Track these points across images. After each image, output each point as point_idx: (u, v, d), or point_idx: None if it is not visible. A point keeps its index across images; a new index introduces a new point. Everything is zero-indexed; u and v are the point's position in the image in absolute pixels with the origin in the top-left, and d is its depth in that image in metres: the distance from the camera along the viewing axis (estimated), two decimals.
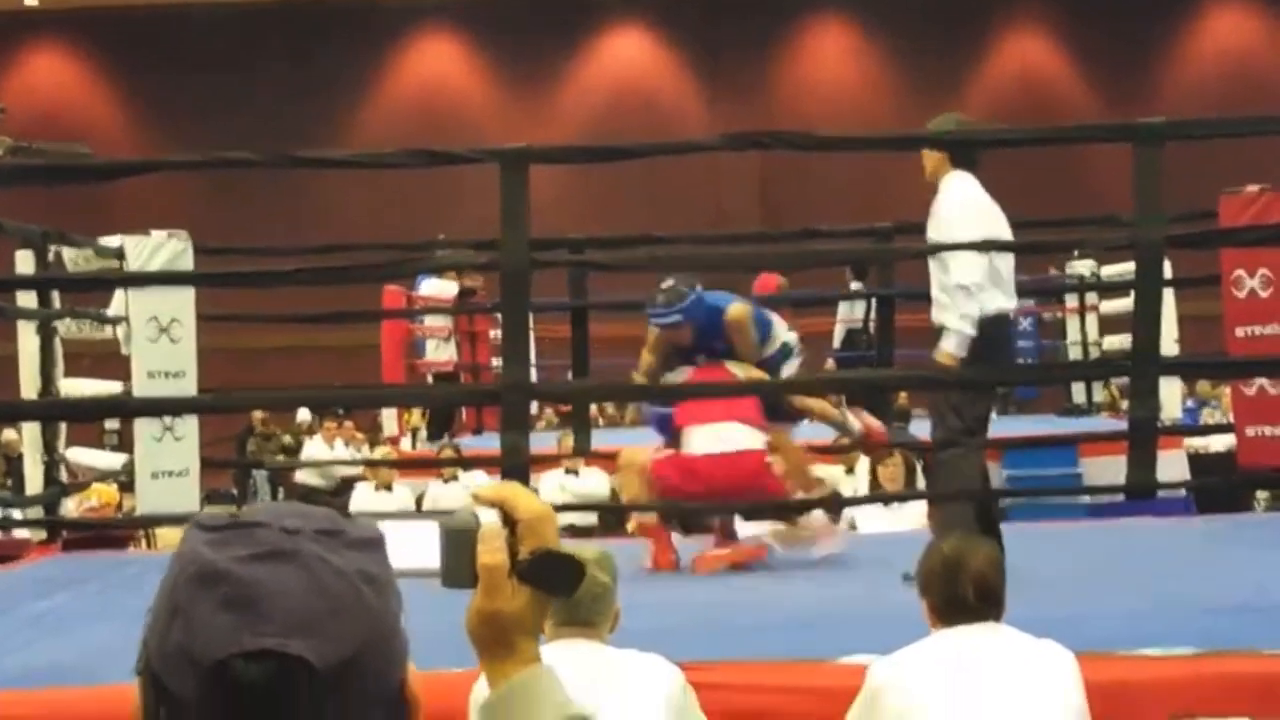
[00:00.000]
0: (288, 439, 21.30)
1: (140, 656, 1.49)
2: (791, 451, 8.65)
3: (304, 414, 21.87)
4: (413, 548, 1.76)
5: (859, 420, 9.52)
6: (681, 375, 8.61)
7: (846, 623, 6.60)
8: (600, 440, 14.39)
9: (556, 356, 15.34)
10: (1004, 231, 7.51)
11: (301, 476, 17.28)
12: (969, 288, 7.30)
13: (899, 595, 5.07)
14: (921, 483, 11.20)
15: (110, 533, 11.19)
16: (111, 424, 13.88)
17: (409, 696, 1.55)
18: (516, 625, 1.78)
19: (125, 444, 11.59)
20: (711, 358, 8.58)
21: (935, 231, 7.58)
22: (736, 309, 8.58)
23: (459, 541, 1.78)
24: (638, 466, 8.51)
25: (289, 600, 1.45)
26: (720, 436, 8.49)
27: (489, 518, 1.79)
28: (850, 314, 16.77)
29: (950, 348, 7.24)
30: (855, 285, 16.05)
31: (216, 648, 1.42)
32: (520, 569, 1.77)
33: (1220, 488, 13.25)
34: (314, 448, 18.46)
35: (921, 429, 14.33)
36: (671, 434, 8.55)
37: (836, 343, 17.20)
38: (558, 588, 1.81)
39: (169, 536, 11.85)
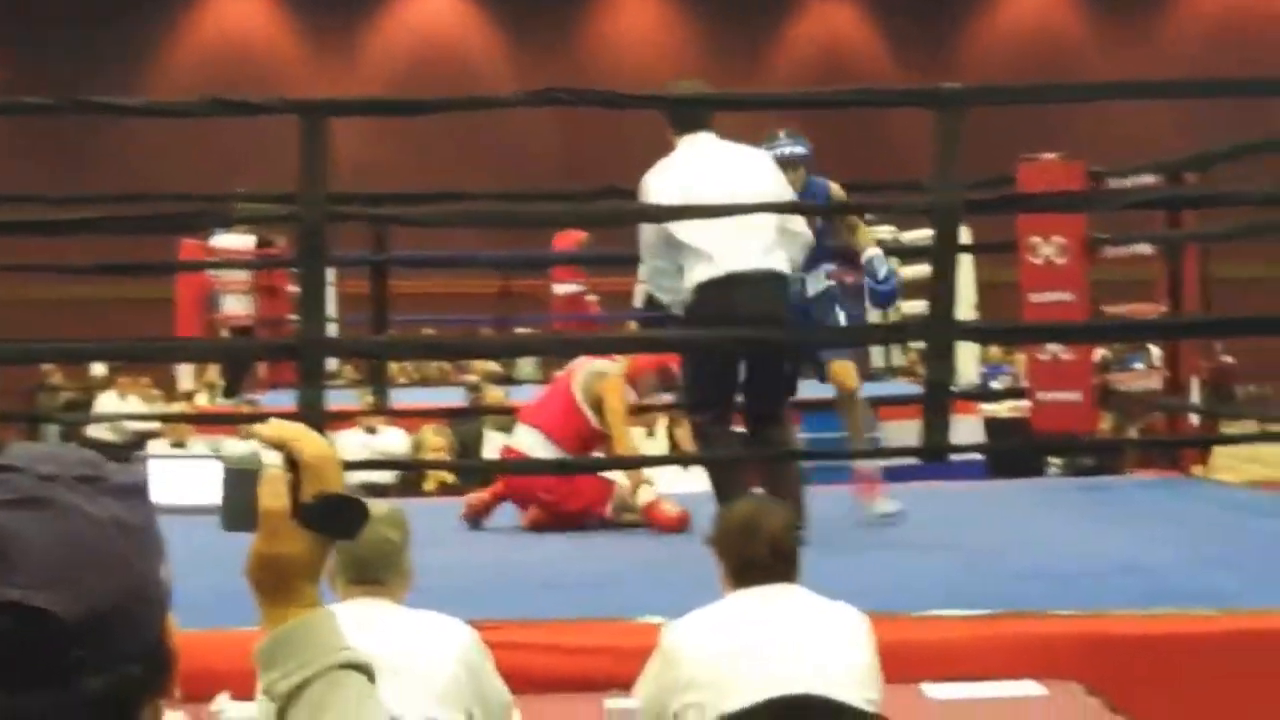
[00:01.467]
0: (74, 394, 20.95)
1: None
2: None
3: (98, 368, 21.52)
4: (201, 487, 1.72)
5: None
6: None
7: (643, 583, 6.61)
8: (400, 398, 14.32)
9: (358, 313, 15.24)
10: (706, 199, 7.40)
11: (94, 432, 17.01)
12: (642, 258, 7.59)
13: (695, 555, 5.07)
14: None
15: None
16: None
17: (167, 650, 1.50)
18: (297, 569, 1.74)
19: None
20: None
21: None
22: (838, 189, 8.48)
23: (240, 483, 1.74)
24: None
25: (37, 550, 1.39)
26: (518, 437, 8.61)
27: (269, 459, 1.74)
28: None
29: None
30: None
31: None
32: (302, 512, 1.73)
33: (1014, 452, 13.45)
34: (107, 403, 18.18)
35: None
36: None
37: (637, 302, 17.22)
38: (341, 531, 1.77)
39: None
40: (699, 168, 7.49)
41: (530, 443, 8.49)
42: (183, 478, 1.56)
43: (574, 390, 8.54)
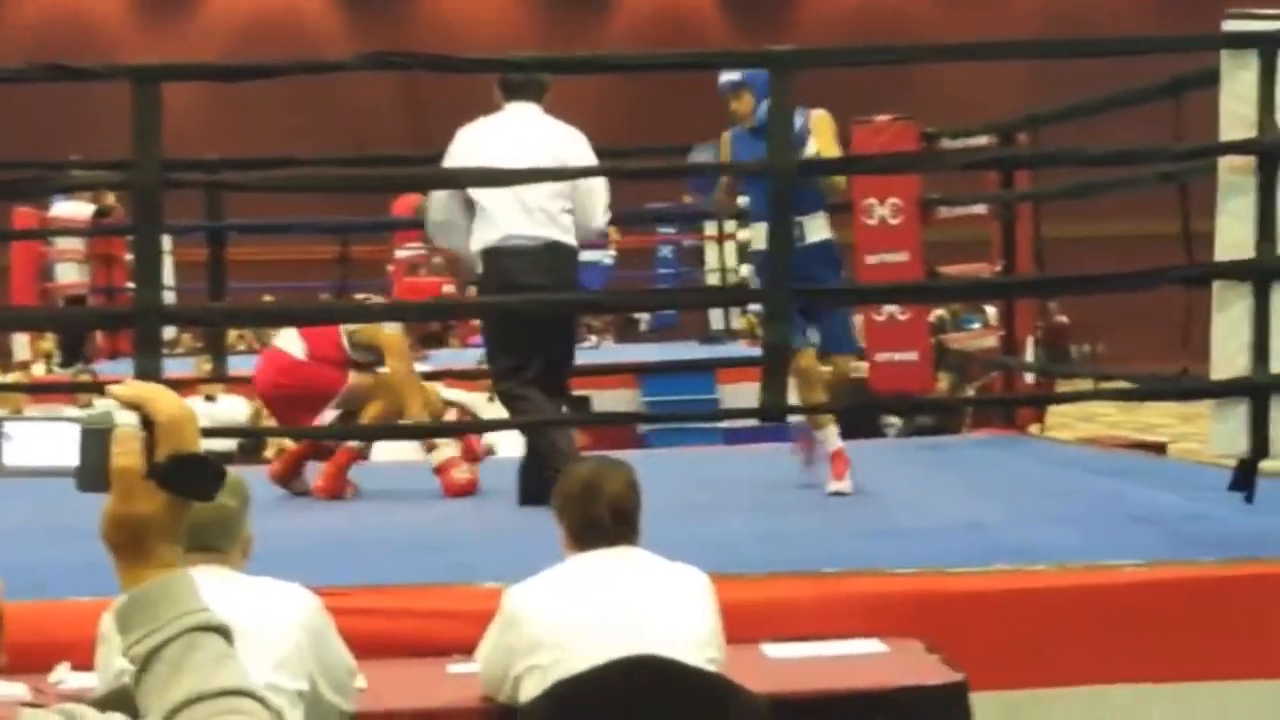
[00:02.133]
0: None
1: None
2: (391, 389, 8.44)
3: None
4: (54, 449, 1.71)
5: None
6: None
7: (484, 547, 6.62)
8: (238, 365, 14.20)
9: (195, 280, 15.09)
10: (495, 162, 7.59)
11: None
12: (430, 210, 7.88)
13: (536, 518, 5.09)
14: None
15: None
16: None
17: None
18: (152, 530, 1.73)
19: None
20: None
21: None
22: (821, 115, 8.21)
23: (94, 442, 1.72)
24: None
25: None
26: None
27: (124, 418, 1.73)
28: None
29: None
30: None
31: None
32: (157, 472, 1.72)
33: (852, 412, 13.56)
34: None
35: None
36: None
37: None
38: (197, 492, 1.76)
39: None
40: (502, 132, 7.73)
41: (287, 340, 8.42)
42: (41, 438, 1.54)
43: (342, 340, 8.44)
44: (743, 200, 9.07)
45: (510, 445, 10.28)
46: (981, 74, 24.91)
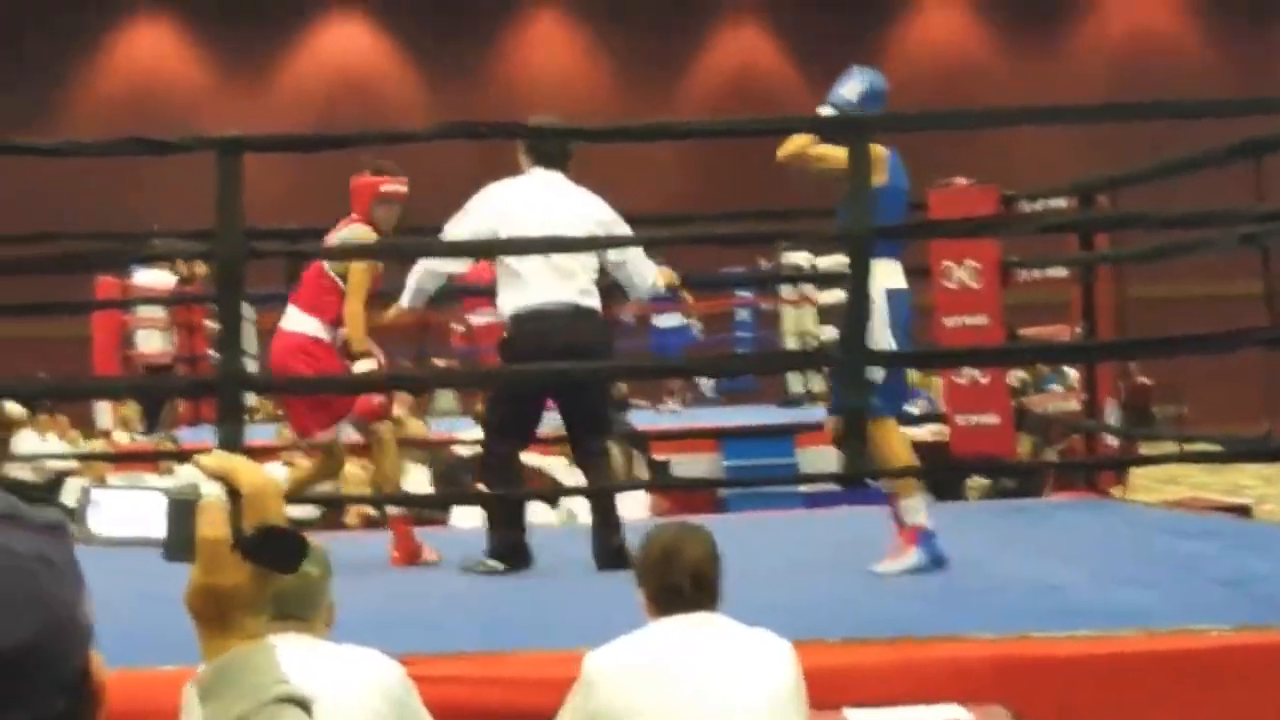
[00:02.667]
0: None
1: None
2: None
3: (15, 407, 21.33)
4: (140, 519, 1.72)
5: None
6: None
7: (565, 613, 6.61)
8: None
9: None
10: (531, 231, 7.76)
11: (12, 471, 16.85)
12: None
13: (618, 584, 5.08)
14: (643, 473, 11.26)
15: None
16: None
17: (92, 684, 1.50)
18: (237, 601, 1.74)
19: None
20: None
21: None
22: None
23: (181, 513, 1.73)
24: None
25: None
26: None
27: (209, 489, 1.74)
28: None
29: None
30: None
31: None
32: (242, 543, 1.73)
33: (933, 475, 13.50)
34: (25, 441, 18.02)
35: (640, 419, 14.43)
36: None
37: None
38: (281, 564, 1.77)
39: None
40: (537, 197, 7.91)
41: (293, 318, 8.39)
42: (126, 507, 1.57)
43: (324, 267, 8.44)
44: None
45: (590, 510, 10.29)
46: (1050, 132, 24.86)
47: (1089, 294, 10.35)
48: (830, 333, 16.04)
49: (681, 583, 4.46)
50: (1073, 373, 14.99)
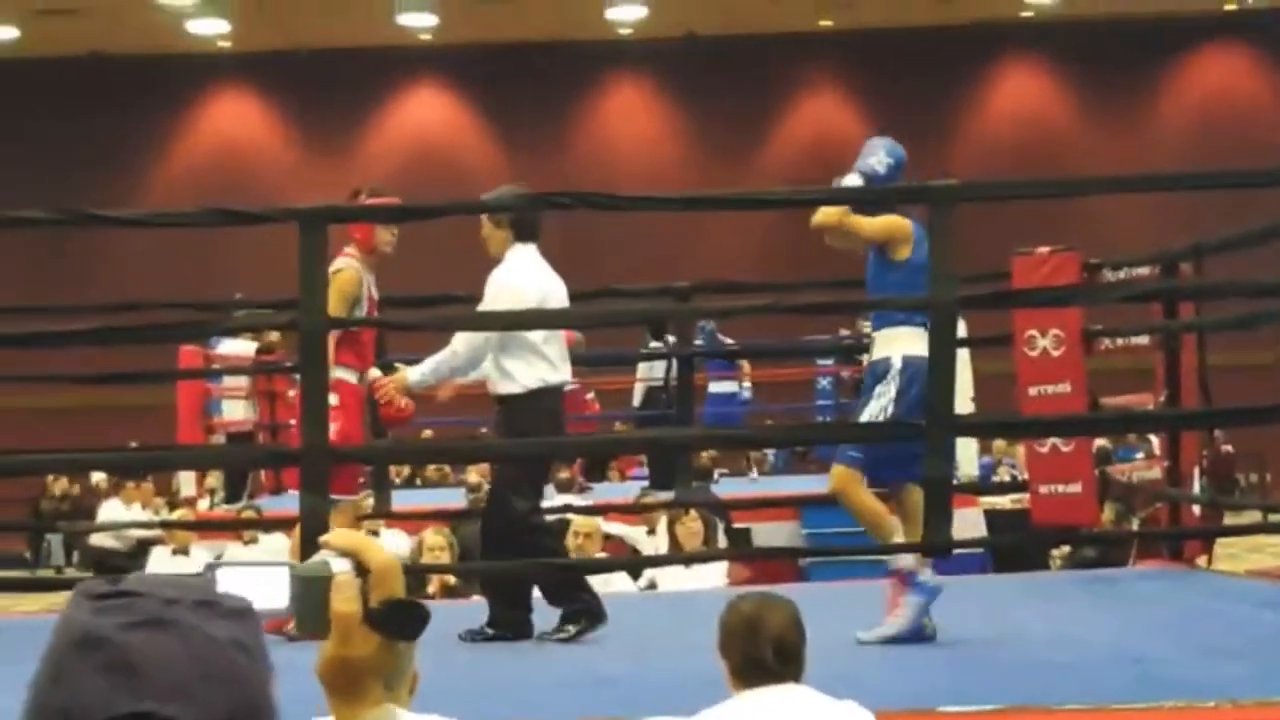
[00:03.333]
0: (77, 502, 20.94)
1: None
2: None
3: (100, 476, 21.52)
4: (262, 594, 1.78)
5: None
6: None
7: (648, 684, 6.60)
8: (400, 500, 14.30)
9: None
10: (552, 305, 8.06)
11: (97, 540, 16.98)
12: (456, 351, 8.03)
13: (701, 656, 5.07)
14: (723, 541, 11.24)
15: None
16: None
17: None
18: (368, 670, 1.83)
19: None
20: None
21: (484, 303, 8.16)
22: None
23: (314, 589, 1.82)
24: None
25: (166, 666, 1.49)
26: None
27: (339, 566, 1.83)
28: (649, 373, 16.88)
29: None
30: (653, 344, 16.10)
31: (95, 711, 1.46)
32: (372, 616, 1.82)
33: (1016, 545, 13.42)
34: (110, 510, 18.17)
35: (724, 487, 14.42)
36: None
37: (637, 401, 17.29)
38: (407, 633, 1.86)
39: None
40: (548, 277, 8.18)
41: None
42: (247, 584, 1.64)
43: None
44: None
45: (673, 580, 10.29)
46: (1131, 200, 24.80)
47: (1172, 361, 10.28)
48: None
49: (765, 654, 4.45)
50: (1156, 440, 14.90)
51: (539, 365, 7.95)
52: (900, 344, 7.44)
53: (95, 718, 1.46)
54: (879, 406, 7.44)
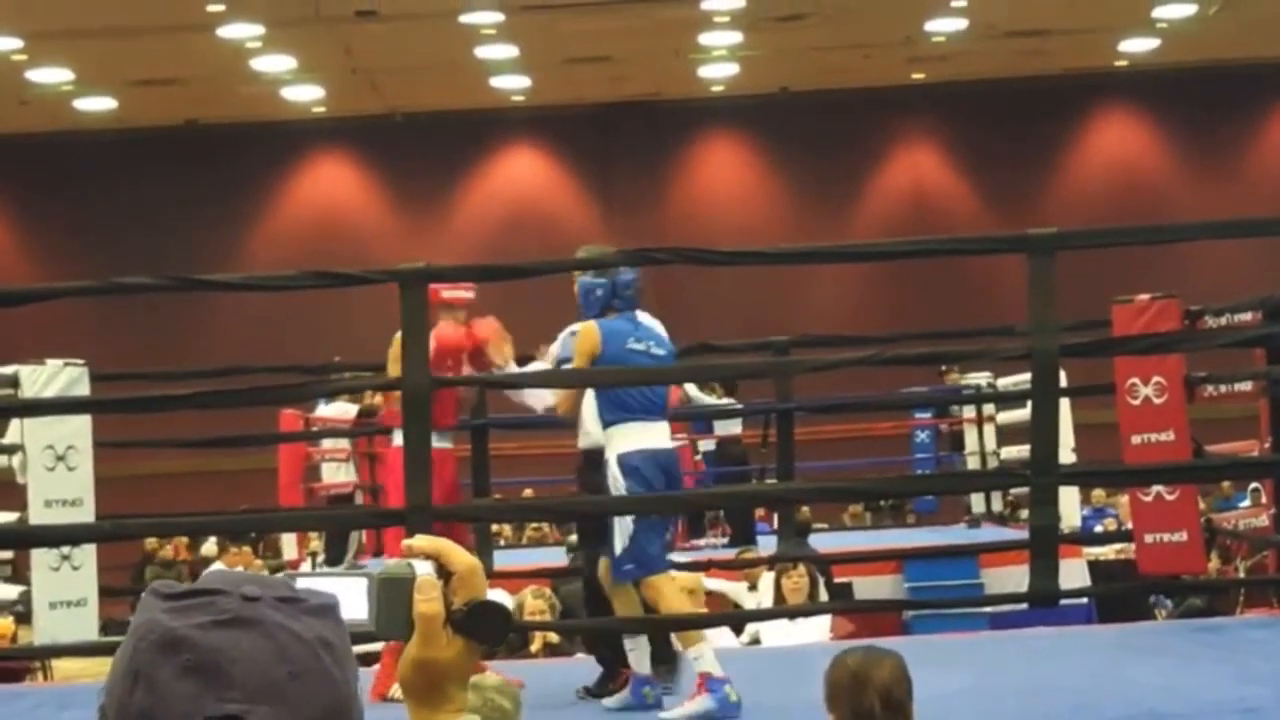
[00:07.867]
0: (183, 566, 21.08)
1: None
2: None
3: (210, 545, 21.64)
4: (343, 604, 1.78)
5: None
6: None
7: None
8: (501, 560, 14.33)
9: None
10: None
11: None
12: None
13: (809, 709, 5.05)
14: (824, 595, 11.21)
15: (5, 665, 11.01)
16: (3, 554, 13.66)
17: None
18: (450, 673, 1.80)
19: (19, 575, 11.42)
20: None
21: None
22: None
23: (395, 591, 1.80)
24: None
25: (251, 667, 1.47)
26: None
27: (422, 569, 1.81)
28: (725, 428, 16.92)
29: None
30: (726, 400, 16.06)
31: (181, 714, 1.44)
32: (455, 618, 1.80)
33: (1121, 595, 13.32)
34: None
35: (821, 541, 14.38)
36: None
37: (701, 454, 17.32)
38: (489, 637, 1.84)
39: (67, 668, 11.67)
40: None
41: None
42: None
43: None
44: None
45: (776, 634, 10.27)
46: (1229, 246, 24.63)
47: (1276, 408, 10.19)
48: (1009, 452, 15.94)
49: (873, 706, 4.44)
50: (1261, 487, 14.76)
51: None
52: (614, 444, 7.78)
53: None
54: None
